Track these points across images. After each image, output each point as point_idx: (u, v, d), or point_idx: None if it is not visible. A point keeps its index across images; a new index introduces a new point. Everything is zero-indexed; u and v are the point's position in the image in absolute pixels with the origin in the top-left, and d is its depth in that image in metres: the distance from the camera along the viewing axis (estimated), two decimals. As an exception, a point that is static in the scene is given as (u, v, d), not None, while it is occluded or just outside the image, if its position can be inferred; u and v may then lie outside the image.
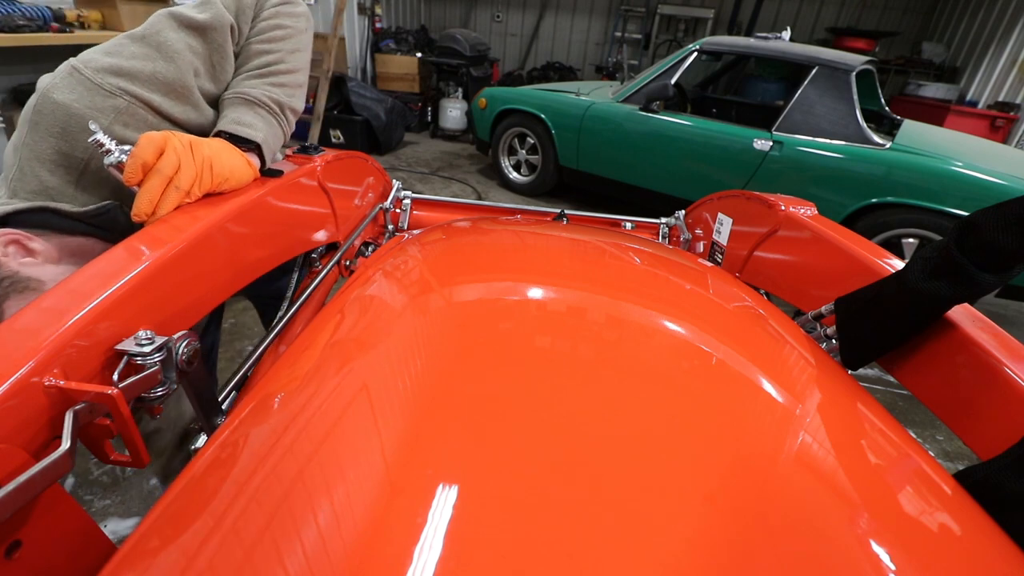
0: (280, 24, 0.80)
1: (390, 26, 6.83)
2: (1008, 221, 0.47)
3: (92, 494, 1.39)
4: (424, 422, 0.35)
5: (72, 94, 0.64)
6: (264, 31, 0.79)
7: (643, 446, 0.36)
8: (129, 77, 0.67)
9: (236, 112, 0.73)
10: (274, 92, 0.77)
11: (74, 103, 0.64)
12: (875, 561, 0.31)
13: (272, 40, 0.79)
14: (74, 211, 0.65)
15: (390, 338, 0.47)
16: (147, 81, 0.68)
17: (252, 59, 0.78)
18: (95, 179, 0.67)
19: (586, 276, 0.63)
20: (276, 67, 0.79)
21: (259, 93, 0.75)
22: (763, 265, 0.94)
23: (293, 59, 0.82)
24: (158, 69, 0.69)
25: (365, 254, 1.07)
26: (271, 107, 0.77)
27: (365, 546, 0.27)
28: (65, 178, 0.66)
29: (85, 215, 0.65)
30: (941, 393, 0.56)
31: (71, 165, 0.66)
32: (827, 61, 2.80)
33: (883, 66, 6.13)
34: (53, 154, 0.65)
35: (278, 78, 0.79)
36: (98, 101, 0.65)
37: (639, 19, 7.28)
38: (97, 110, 0.65)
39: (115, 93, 0.66)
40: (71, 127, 0.64)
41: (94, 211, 0.66)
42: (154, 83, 0.69)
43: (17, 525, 0.34)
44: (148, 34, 0.70)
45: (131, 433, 0.41)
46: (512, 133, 4.00)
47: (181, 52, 0.70)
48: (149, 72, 0.68)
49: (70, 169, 0.66)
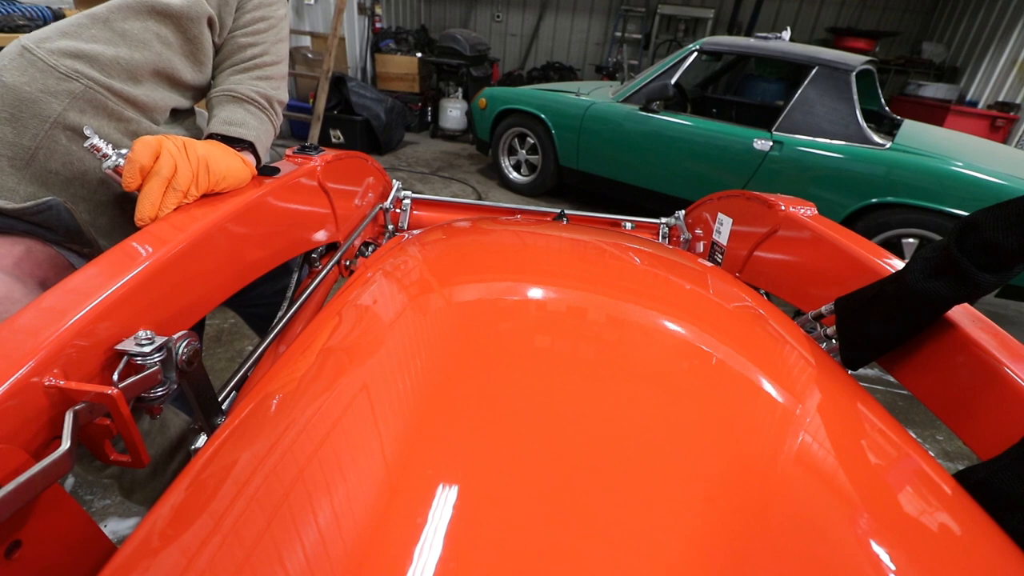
0: (264, 16, 0.80)
1: (390, 26, 6.83)
2: (1008, 221, 0.47)
3: (92, 494, 1.39)
4: (424, 422, 0.35)
5: (23, 76, 0.59)
6: (248, 23, 0.79)
7: (643, 446, 0.36)
8: (88, 60, 0.62)
9: (226, 111, 0.73)
10: (261, 87, 0.77)
11: (24, 85, 0.59)
12: (875, 561, 0.31)
13: (257, 32, 0.79)
14: (10, 207, 0.57)
15: (390, 339, 0.47)
16: (107, 65, 0.64)
17: (237, 52, 0.78)
18: (41, 171, 0.61)
19: (586, 276, 0.63)
20: (262, 59, 0.79)
21: (246, 89, 0.75)
22: (763, 265, 0.94)
23: (277, 50, 0.82)
24: (120, 54, 0.65)
25: (365, 254, 1.07)
26: (260, 103, 0.76)
27: (365, 546, 0.27)
28: (7, 169, 0.60)
29: (24, 212, 0.58)
30: (941, 393, 0.56)
31: (16, 155, 0.60)
32: (827, 61, 2.80)
33: (883, 66, 6.12)
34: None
35: (264, 71, 0.79)
36: (51, 84, 0.60)
37: (639, 19, 7.28)
38: (50, 93, 0.60)
39: (71, 76, 0.61)
40: (21, 113, 0.59)
41: (34, 208, 0.58)
42: (115, 68, 0.64)
43: (17, 525, 0.34)
44: (112, 18, 0.65)
45: (131, 433, 0.41)
46: (512, 133, 3.99)
47: (146, 42, 0.67)
48: (110, 56, 0.64)
49: (14, 159, 0.60)
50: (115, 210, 0.67)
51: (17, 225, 0.59)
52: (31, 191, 0.61)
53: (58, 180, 0.62)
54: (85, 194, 0.65)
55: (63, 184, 0.63)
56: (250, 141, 0.72)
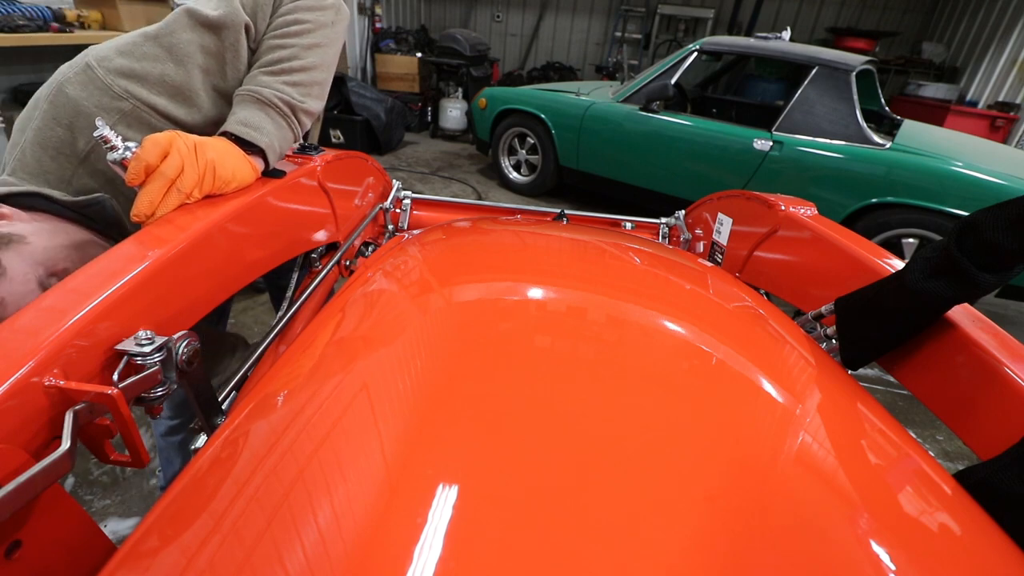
0: (297, 19, 0.77)
1: (390, 26, 6.83)
2: (1008, 221, 0.47)
3: (92, 494, 1.40)
4: (424, 422, 0.35)
5: (83, 91, 0.68)
6: (279, 26, 0.77)
7: (643, 446, 0.36)
8: (138, 80, 0.70)
9: (245, 111, 0.72)
10: (287, 92, 0.75)
11: (84, 100, 0.68)
12: (875, 561, 0.31)
13: (286, 35, 0.77)
14: (66, 199, 0.66)
15: (390, 339, 0.47)
16: (154, 84, 0.71)
17: (265, 55, 0.76)
18: (92, 170, 0.70)
19: (586, 276, 0.63)
20: (289, 64, 0.76)
21: (270, 93, 0.74)
22: (763, 265, 0.94)
23: (310, 55, 0.78)
24: (167, 72, 0.71)
25: (365, 254, 1.07)
26: (281, 108, 0.75)
27: (365, 546, 0.27)
28: (64, 165, 0.69)
29: (76, 204, 0.67)
30: (941, 393, 0.56)
31: (72, 154, 0.69)
32: (827, 61, 2.80)
33: (883, 66, 6.12)
34: (57, 142, 0.68)
35: (292, 76, 0.76)
36: (106, 102, 0.69)
37: (639, 19, 7.28)
38: (104, 110, 0.68)
39: (123, 96, 0.69)
40: (78, 123, 0.68)
41: (85, 202, 0.68)
42: (161, 86, 0.71)
43: (17, 525, 0.34)
44: (161, 34, 0.72)
45: (131, 433, 0.41)
46: (512, 133, 3.99)
47: (192, 54, 0.72)
48: (158, 75, 0.71)
49: (71, 157, 0.69)
50: None
51: (67, 213, 0.67)
52: (84, 183, 0.71)
53: (105, 177, 0.72)
54: (126, 191, 0.71)
55: (108, 181, 0.72)
56: (262, 147, 0.71)
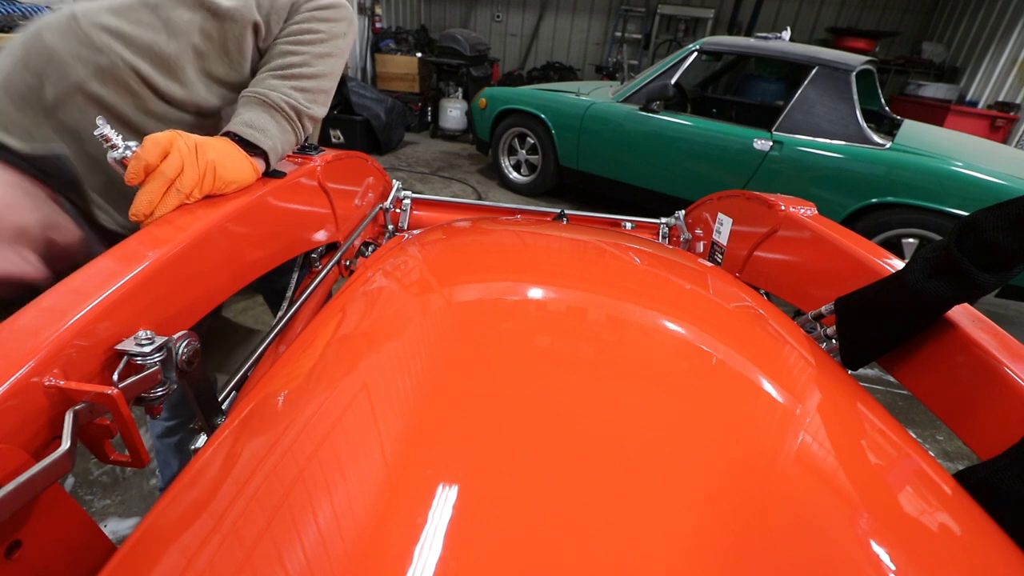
0: (312, 28, 0.78)
1: (390, 26, 6.83)
2: (1008, 221, 0.47)
3: (92, 494, 1.40)
4: (424, 422, 0.35)
5: (61, 40, 0.65)
6: (293, 33, 0.77)
7: (644, 446, 0.36)
8: (124, 40, 0.67)
9: (251, 113, 0.72)
10: (294, 97, 0.75)
11: (60, 48, 0.64)
12: (875, 561, 0.31)
13: (300, 43, 0.77)
14: (21, 149, 0.64)
15: (390, 338, 0.47)
16: (140, 48, 0.67)
17: (276, 58, 0.76)
18: (58, 125, 0.67)
19: (586, 276, 0.63)
20: (300, 70, 0.77)
21: (278, 96, 0.74)
22: (763, 265, 0.94)
23: (320, 64, 0.79)
24: (157, 41, 0.68)
25: (365, 254, 1.07)
26: (287, 112, 0.75)
27: (365, 546, 0.27)
28: (28, 114, 0.66)
29: (31, 156, 0.64)
30: (941, 393, 0.56)
31: (37, 103, 0.66)
32: (827, 61, 2.80)
33: (883, 66, 6.12)
34: (24, 88, 0.65)
35: (301, 82, 0.76)
36: (84, 53, 0.65)
37: (639, 19, 7.29)
38: (79, 60, 0.65)
39: (102, 49, 0.65)
40: (49, 71, 0.64)
41: (41, 154, 0.64)
42: (147, 52, 0.68)
43: (17, 525, 0.34)
44: (161, 4, 0.69)
45: (131, 433, 0.41)
46: (512, 133, 4.00)
47: (188, 32, 0.70)
48: (147, 41, 0.68)
49: (35, 107, 0.66)
50: (112, 172, 0.69)
51: (21, 164, 0.64)
52: (46, 134, 0.67)
53: (70, 135, 0.68)
54: (91, 150, 0.69)
55: (72, 137, 0.68)
56: (264, 150, 0.71)
